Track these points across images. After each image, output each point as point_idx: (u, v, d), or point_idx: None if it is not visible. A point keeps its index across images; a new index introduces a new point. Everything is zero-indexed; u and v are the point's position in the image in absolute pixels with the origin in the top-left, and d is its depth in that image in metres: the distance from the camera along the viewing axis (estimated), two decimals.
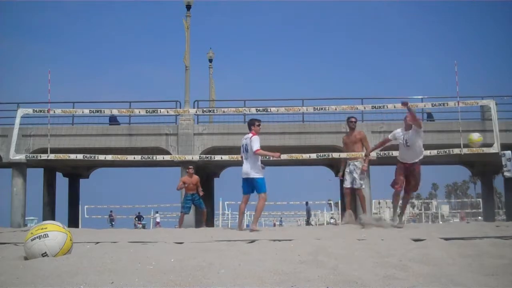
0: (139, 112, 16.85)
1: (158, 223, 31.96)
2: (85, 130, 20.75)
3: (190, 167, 13.44)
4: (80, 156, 13.47)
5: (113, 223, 30.97)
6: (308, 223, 30.56)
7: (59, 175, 25.70)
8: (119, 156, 12.61)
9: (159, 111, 16.35)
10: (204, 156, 18.69)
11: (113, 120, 21.54)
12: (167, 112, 18.13)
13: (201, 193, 13.14)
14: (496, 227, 7.48)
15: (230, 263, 2.82)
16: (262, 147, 7.93)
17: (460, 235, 5.07)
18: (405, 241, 4.16)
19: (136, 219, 32.91)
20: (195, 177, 13.29)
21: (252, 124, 8.11)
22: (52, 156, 12.43)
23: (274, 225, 42.36)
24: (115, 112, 13.97)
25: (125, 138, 20.55)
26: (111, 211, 31.72)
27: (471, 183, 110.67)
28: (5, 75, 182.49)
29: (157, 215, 32.93)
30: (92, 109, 12.87)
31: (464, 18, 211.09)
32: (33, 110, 12.82)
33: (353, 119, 9.75)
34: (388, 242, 4.08)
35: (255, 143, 7.77)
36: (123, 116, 20.66)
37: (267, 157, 8.55)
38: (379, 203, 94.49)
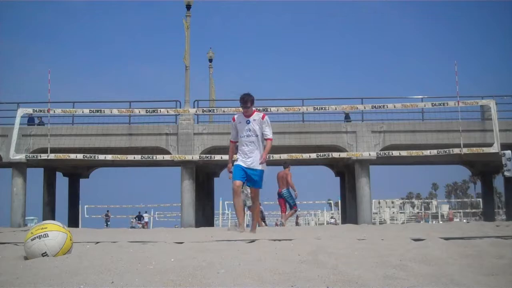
0: (139, 112, 16.85)
1: (146, 223, 32.02)
2: (85, 130, 20.75)
3: (289, 165, 14.14)
4: (80, 156, 13.50)
5: (108, 223, 31.11)
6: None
7: (59, 175, 25.71)
8: (119, 156, 12.65)
9: (159, 111, 16.37)
10: (204, 156, 18.70)
11: (31, 121, 21.58)
12: (167, 112, 18.16)
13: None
14: (496, 227, 7.48)
15: (230, 263, 2.83)
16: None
17: (460, 235, 5.07)
18: (405, 241, 4.16)
19: (136, 218, 33.00)
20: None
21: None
22: (52, 156, 12.46)
23: (276, 225, 42.30)
24: (115, 112, 13.97)
25: (125, 138, 20.54)
26: (107, 211, 31.86)
27: (471, 183, 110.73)
28: (5, 75, 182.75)
29: (145, 214, 32.97)
30: (92, 109, 12.88)
31: (464, 18, 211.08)
32: (33, 110, 12.84)
33: None
34: (388, 242, 4.08)
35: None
36: (123, 116, 20.65)
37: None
38: (379, 203, 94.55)
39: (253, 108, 7.24)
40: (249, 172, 6.99)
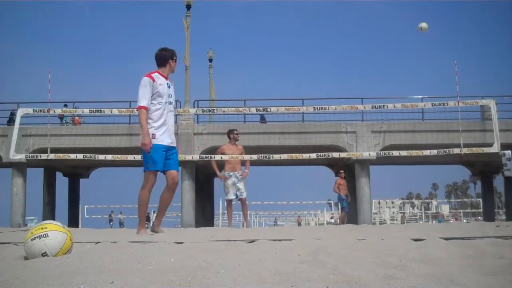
0: None
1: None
2: (85, 130, 20.76)
3: (342, 171, 15.00)
4: (80, 156, 13.46)
5: (111, 223, 31.15)
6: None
7: (59, 175, 25.74)
8: (119, 156, 12.59)
9: None
10: (204, 155, 18.71)
11: (62, 119, 21.75)
12: None
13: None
14: (496, 227, 7.47)
15: (230, 263, 2.83)
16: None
17: (460, 235, 5.07)
18: (405, 241, 4.16)
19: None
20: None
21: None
22: (52, 156, 12.43)
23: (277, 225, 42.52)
24: (115, 112, 13.94)
25: (125, 138, 20.57)
26: (111, 211, 31.87)
27: (471, 183, 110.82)
28: (5, 75, 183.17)
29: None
30: (92, 109, 12.85)
31: (464, 18, 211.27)
32: (33, 110, 12.82)
33: (237, 131, 10.18)
34: (388, 242, 4.08)
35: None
36: (123, 116, 20.66)
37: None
38: (379, 203, 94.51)
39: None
40: (174, 151, 5.93)
